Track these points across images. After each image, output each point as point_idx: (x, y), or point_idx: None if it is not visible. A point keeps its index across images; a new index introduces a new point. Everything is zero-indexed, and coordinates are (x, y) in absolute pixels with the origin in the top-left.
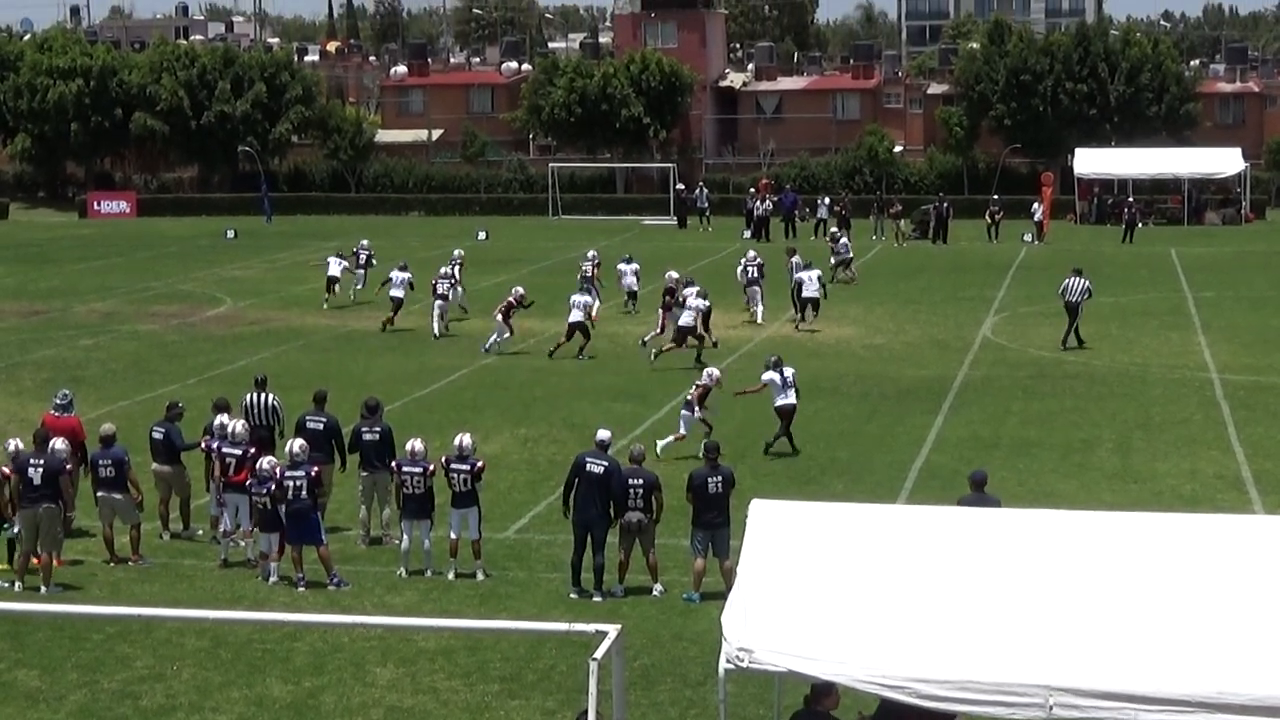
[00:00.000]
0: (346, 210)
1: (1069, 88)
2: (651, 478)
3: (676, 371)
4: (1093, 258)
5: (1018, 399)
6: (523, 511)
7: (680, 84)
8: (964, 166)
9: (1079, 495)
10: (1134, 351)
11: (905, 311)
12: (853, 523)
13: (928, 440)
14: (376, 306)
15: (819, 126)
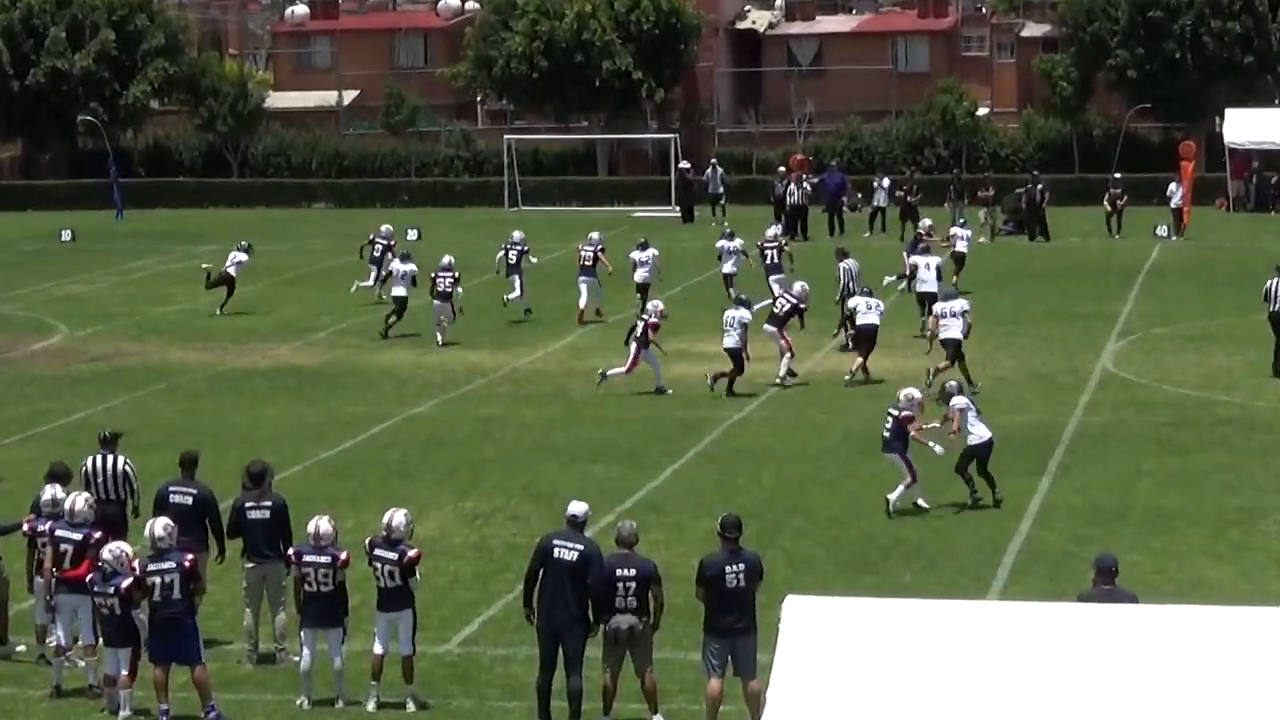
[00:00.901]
0: (227, 200)
1: (1215, 27)
2: (648, 567)
3: (679, 418)
4: (1248, 257)
5: (1152, 455)
6: (470, 616)
7: (683, 26)
8: (1073, 135)
9: (1238, 585)
10: None
11: (996, 335)
12: (925, 627)
13: (1029, 511)
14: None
15: (874, 82)
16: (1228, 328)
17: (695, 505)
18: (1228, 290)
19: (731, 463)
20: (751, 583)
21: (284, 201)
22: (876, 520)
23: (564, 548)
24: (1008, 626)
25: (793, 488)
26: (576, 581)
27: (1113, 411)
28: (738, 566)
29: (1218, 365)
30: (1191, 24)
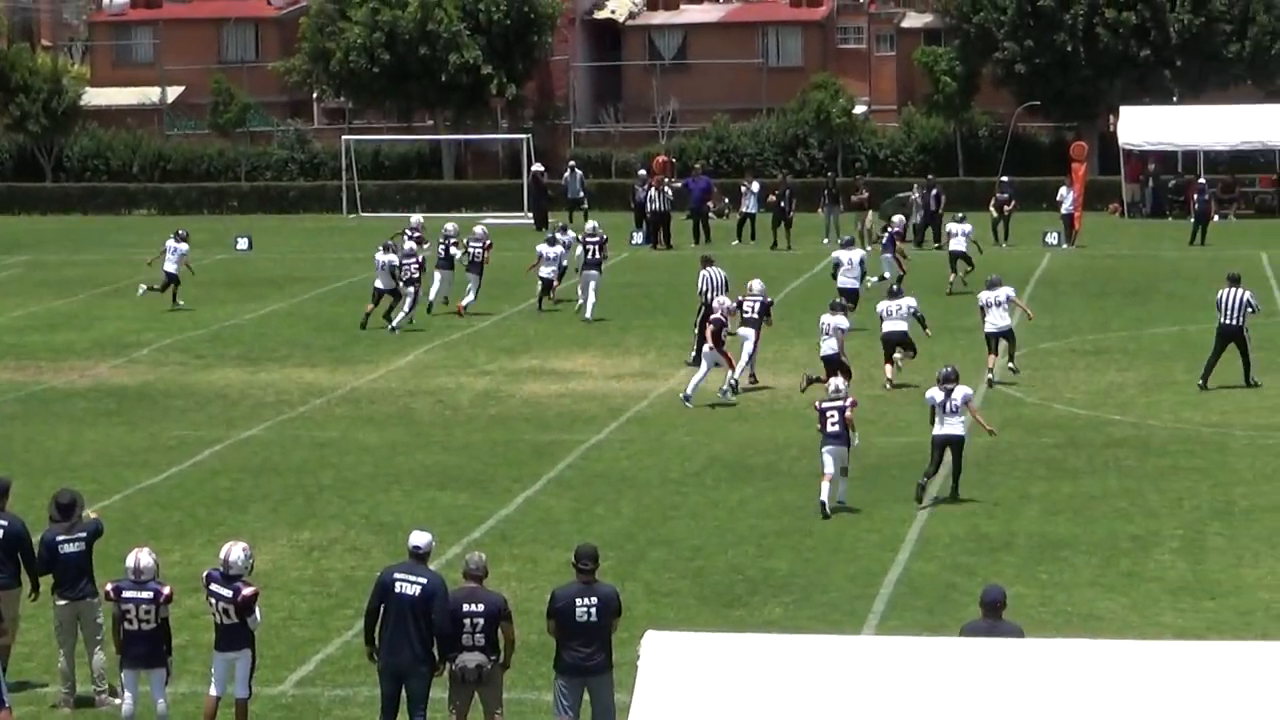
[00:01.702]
0: (40, 208)
1: (1109, 18)
2: (497, 602)
3: (531, 441)
4: (1144, 266)
5: (1040, 478)
6: (306, 654)
7: (536, 16)
8: (957, 134)
9: (1130, 618)
10: (1209, 407)
11: (875, 350)
12: (795, 664)
13: (908, 540)
14: None
15: (743, 77)
16: (1122, 342)
17: (549, 535)
18: (1122, 302)
19: (588, 489)
20: (606, 618)
21: (102, 208)
22: (743, 551)
23: (406, 581)
24: (883, 663)
25: (654, 516)
26: (420, 617)
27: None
28: (590, 600)
29: (1111, 382)
30: (1084, 15)
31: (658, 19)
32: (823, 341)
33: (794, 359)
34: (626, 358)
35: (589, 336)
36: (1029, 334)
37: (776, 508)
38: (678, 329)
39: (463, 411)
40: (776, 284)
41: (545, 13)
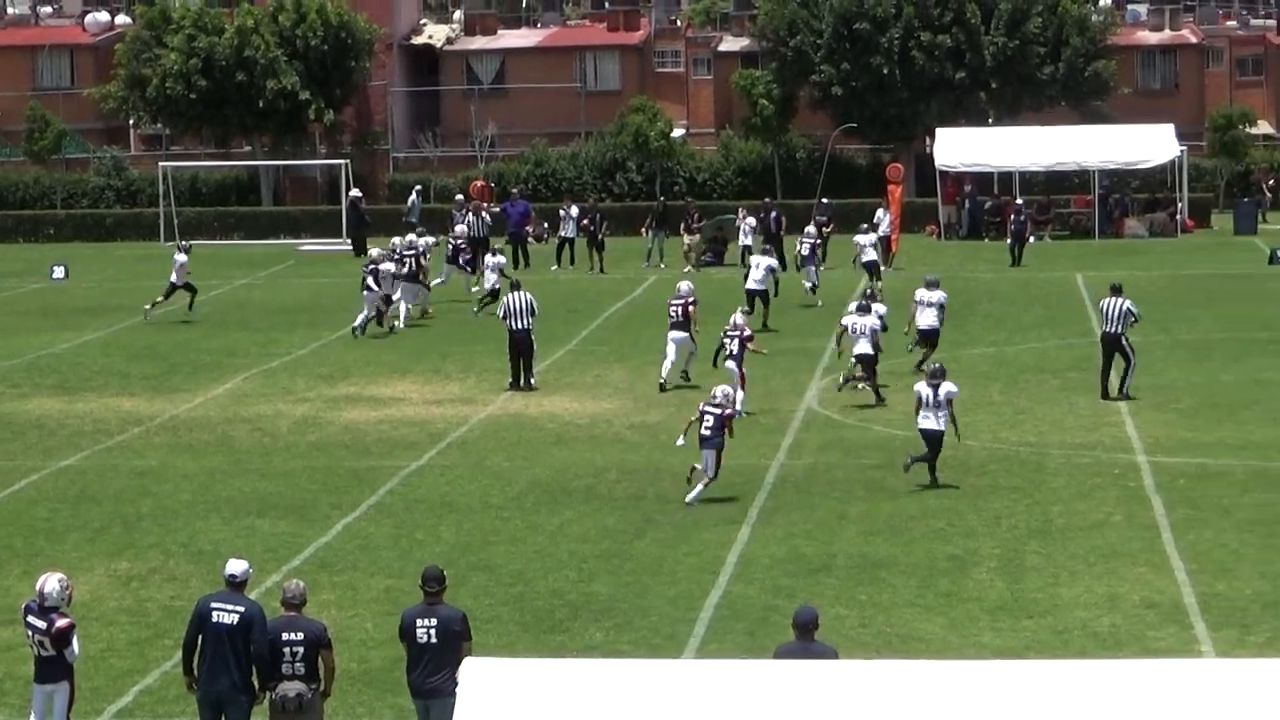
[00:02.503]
0: None
1: (925, 40)
2: (317, 630)
3: (351, 467)
4: (962, 287)
5: (859, 499)
6: (125, 686)
7: (354, 42)
8: (775, 157)
9: (948, 638)
10: (1025, 426)
11: (693, 373)
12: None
13: (728, 564)
14: None
15: (561, 101)
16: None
17: (369, 562)
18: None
19: (409, 515)
20: (448, 640)
21: None
22: (564, 575)
23: (223, 610)
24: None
25: (474, 541)
26: (238, 646)
27: (818, 454)
28: (429, 621)
29: None
30: (900, 38)
31: (475, 44)
32: (858, 340)
33: (613, 383)
34: (446, 383)
35: (408, 363)
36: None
37: (597, 532)
38: (496, 355)
39: (282, 439)
40: (595, 307)
41: (363, 38)
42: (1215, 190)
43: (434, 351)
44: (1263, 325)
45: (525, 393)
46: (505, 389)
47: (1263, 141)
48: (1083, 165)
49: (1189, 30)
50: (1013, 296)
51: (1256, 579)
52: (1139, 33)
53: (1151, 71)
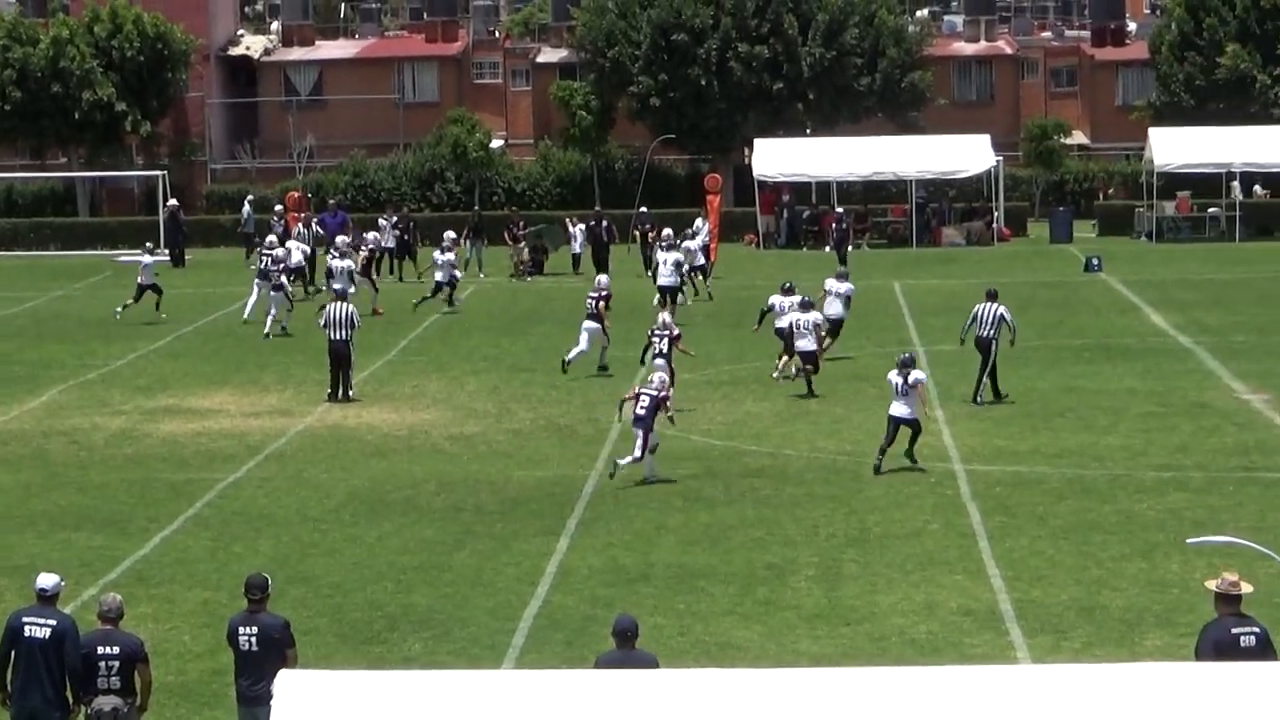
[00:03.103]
0: None
1: (743, 52)
2: (132, 644)
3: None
4: None
5: (677, 509)
6: None
7: (171, 53)
8: (594, 167)
9: (766, 646)
10: (842, 435)
11: (511, 385)
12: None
13: (547, 574)
14: None
15: (380, 112)
16: (757, 372)
17: (187, 575)
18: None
19: (227, 528)
20: (269, 648)
21: None
22: (382, 587)
23: (35, 624)
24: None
25: (292, 553)
26: (51, 661)
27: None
28: (252, 629)
29: (747, 412)
30: (718, 49)
31: (293, 55)
32: (802, 338)
33: (432, 394)
34: (264, 395)
35: (226, 374)
36: None
37: (415, 543)
38: (315, 366)
39: (98, 452)
40: (414, 318)
41: (180, 49)
42: (1031, 199)
43: (252, 363)
44: (1077, 333)
45: (343, 404)
46: (323, 400)
47: (1077, 152)
48: (900, 175)
49: (1004, 41)
50: None
51: (1071, 585)
52: (955, 44)
53: (967, 82)
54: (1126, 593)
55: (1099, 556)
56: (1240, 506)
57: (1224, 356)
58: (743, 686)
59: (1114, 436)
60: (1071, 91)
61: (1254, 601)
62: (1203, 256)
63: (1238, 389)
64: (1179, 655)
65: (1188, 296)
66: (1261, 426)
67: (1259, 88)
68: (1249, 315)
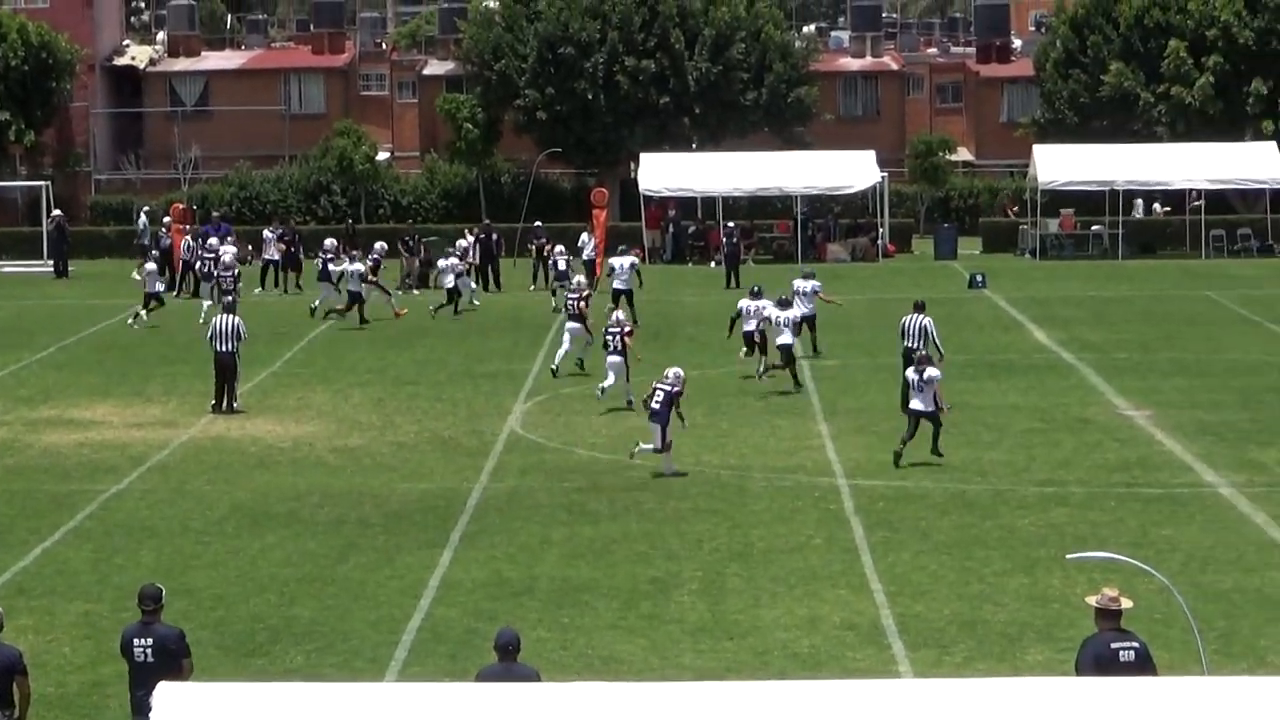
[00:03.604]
0: None
1: (629, 66)
2: (10, 655)
3: (50, 491)
4: (667, 311)
5: (561, 523)
6: None
7: (55, 62)
8: (480, 181)
9: (650, 660)
10: (727, 449)
11: (396, 397)
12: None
13: (430, 587)
14: None
15: (265, 124)
16: (641, 386)
17: (67, 587)
18: (643, 346)
19: (108, 540)
20: (164, 659)
21: None
22: (265, 599)
23: None
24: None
25: (175, 565)
26: None
27: (520, 477)
28: (146, 641)
29: (632, 426)
30: (604, 63)
31: (179, 66)
32: (781, 332)
33: (316, 406)
34: (147, 406)
35: (110, 385)
36: (549, 380)
37: (298, 555)
38: (200, 377)
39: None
40: (299, 329)
41: (64, 59)
42: (916, 216)
43: (136, 373)
44: (961, 349)
45: (228, 415)
46: (208, 412)
47: (962, 168)
48: (785, 190)
49: (890, 57)
50: (717, 320)
51: (954, 600)
52: (841, 59)
53: (853, 98)
54: (1008, 608)
55: (981, 571)
56: (1121, 522)
57: (1107, 373)
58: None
59: (997, 452)
60: (957, 108)
61: (1134, 617)
62: (1086, 274)
63: (1120, 405)
64: (1060, 670)
65: (1071, 313)
66: (1143, 442)
67: (1142, 105)
68: (1132, 332)
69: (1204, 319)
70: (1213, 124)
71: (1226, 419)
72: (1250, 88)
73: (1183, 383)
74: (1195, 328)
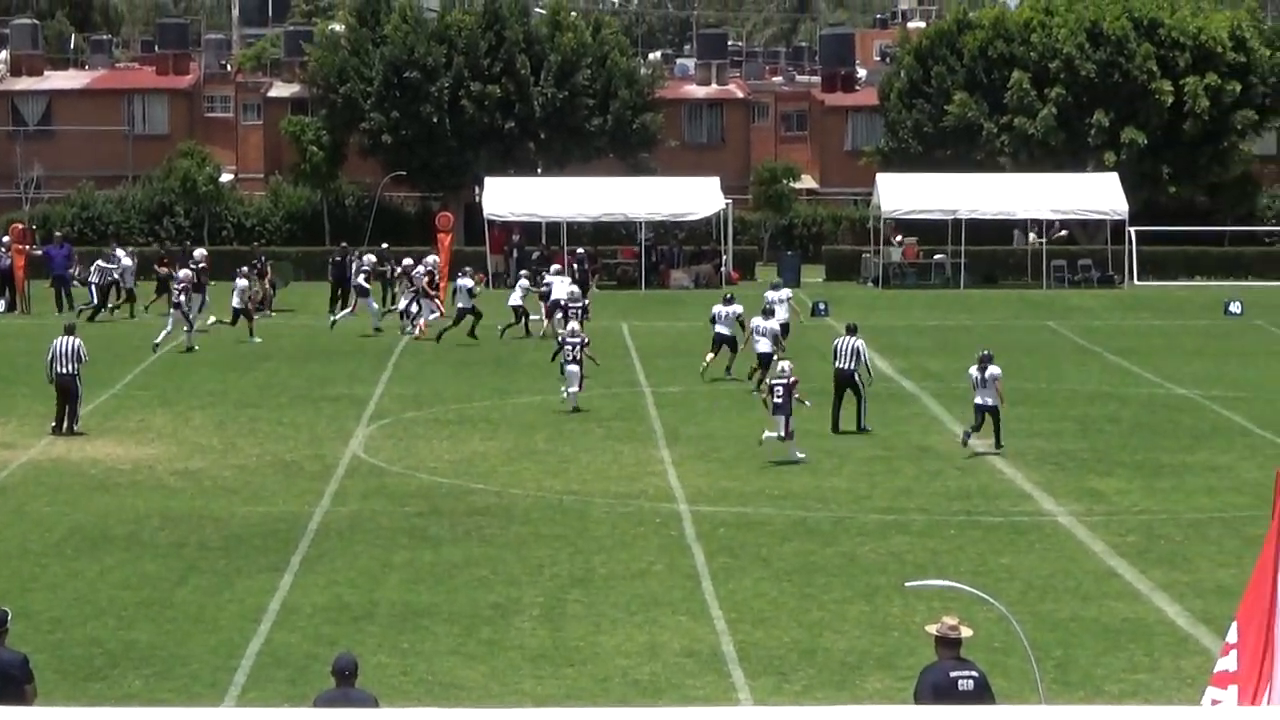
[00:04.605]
0: None
1: (475, 90)
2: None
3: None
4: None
5: (403, 547)
6: None
7: None
8: (324, 203)
9: (490, 686)
10: (569, 475)
11: (238, 420)
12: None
13: (270, 611)
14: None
15: (109, 144)
16: (485, 411)
17: None
18: (485, 372)
19: None
20: (6, 685)
21: None
22: (103, 623)
23: None
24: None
25: (12, 588)
26: None
27: (362, 501)
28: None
29: (474, 451)
30: (450, 87)
31: (21, 85)
32: (757, 341)
33: (157, 429)
34: None
35: None
36: (393, 404)
37: (137, 579)
38: (40, 398)
39: None
40: (140, 352)
41: None
42: (759, 243)
43: None
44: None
45: (68, 437)
46: (48, 433)
47: (806, 196)
48: (630, 216)
49: (736, 85)
50: None
51: (794, 627)
52: (686, 86)
53: (698, 125)
54: (848, 635)
55: (821, 599)
56: (961, 550)
57: (947, 402)
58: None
59: (838, 479)
60: (801, 136)
61: (973, 645)
62: (928, 303)
63: (960, 434)
64: (899, 698)
65: (913, 342)
66: (983, 471)
67: (985, 136)
68: (973, 361)
69: (1044, 349)
70: (1055, 155)
71: (1066, 448)
72: (1092, 119)
73: (1023, 412)
74: (1035, 357)
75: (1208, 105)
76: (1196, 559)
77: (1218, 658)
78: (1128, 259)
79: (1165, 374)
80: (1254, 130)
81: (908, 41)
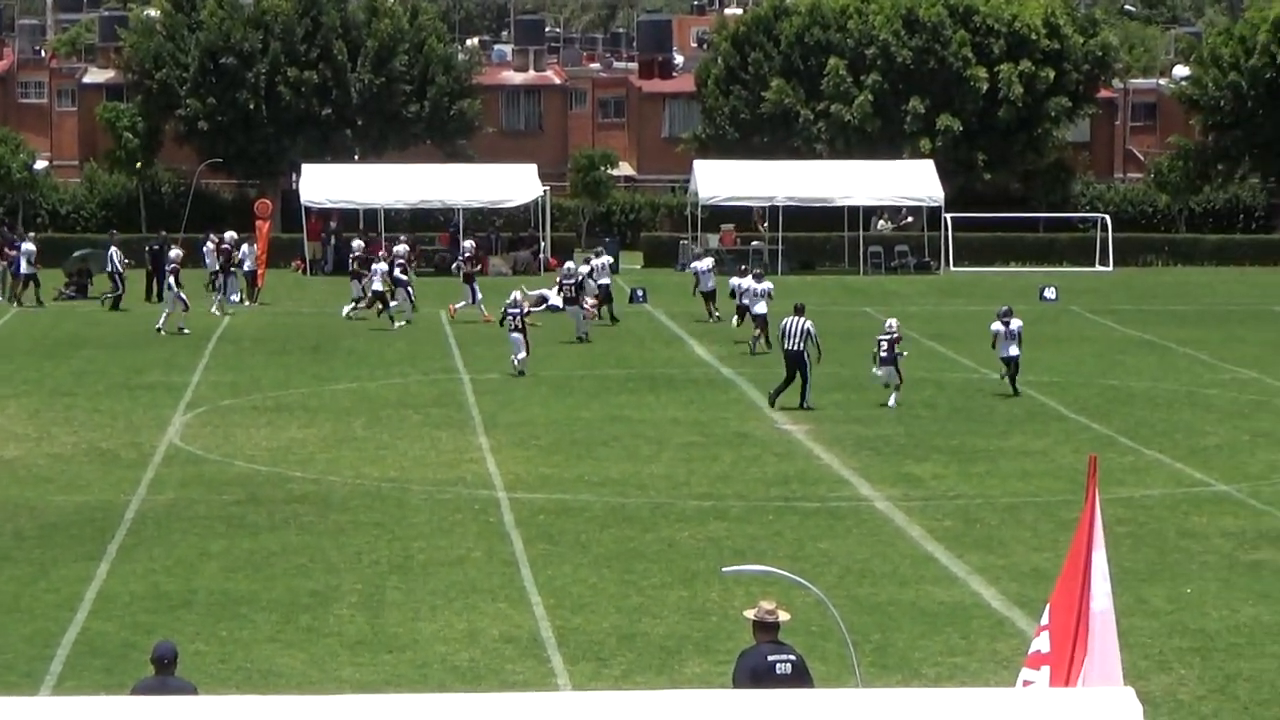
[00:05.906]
0: None
1: (291, 76)
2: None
3: None
4: (328, 324)
5: (220, 535)
6: None
7: None
8: (140, 190)
9: (310, 673)
10: (387, 461)
11: (53, 408)
12: None
13: (86, 600)
14: None
15: None
16: (303, 398)
17: None
18: (303, 359)
19: None
20: None
21: None
22: None
23: None
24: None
25: None
26: None
27: (179, 489)
28: None
29: (292, 438)
30: (266, 73)
31: None
32: (755, 301)
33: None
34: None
35: None
36: (210, 391)
37: None
38: None
39: None
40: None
41: None
42: (578, 230)
43: None
44: (621, 363)
45: None
46: None
47: (624, 183)
48: (447, 203)
49: (553, 71)
50: (375, 334)
51: (613, 613)
52: (504, 73)
53: (516, 112)
54: (667, 620)
55: (640, 584)
56: (779, 535)
57: (765, 388)
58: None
59: (657, 465)
60: (619, 123)
61: (792, 629)
62: None
63: (778, 420)
64: (718, 682)
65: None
66: (801, 456)
67: (802, 122)
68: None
69: (861, 334)
70: (871, 142)
71: (882, 434)
72: (908, 106)
73: (840, 397)
74: (852, 343)
75: (1022, 92)
76: (1012, 543)
77: (1032, 639)
78: (943, 245)
79: (980, 359)
80: (1067, 117)
81: (725, 28)
